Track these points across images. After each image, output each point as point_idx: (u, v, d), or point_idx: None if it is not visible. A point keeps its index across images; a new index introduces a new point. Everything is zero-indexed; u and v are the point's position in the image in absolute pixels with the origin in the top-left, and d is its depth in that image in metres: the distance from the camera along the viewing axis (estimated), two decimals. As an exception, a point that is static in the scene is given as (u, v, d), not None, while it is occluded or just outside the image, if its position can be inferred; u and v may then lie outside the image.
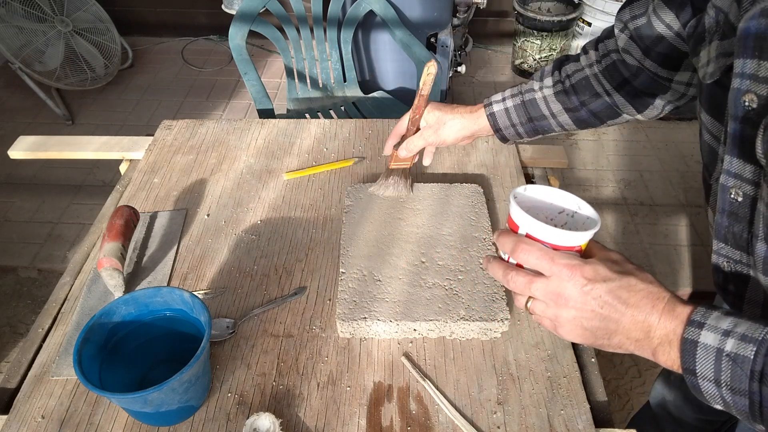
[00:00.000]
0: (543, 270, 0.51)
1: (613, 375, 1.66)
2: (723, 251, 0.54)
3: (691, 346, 0.44)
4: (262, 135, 1.12)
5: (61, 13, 2.54)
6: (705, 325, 0.44)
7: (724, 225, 0.53)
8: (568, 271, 0.49)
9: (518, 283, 0.52)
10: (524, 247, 0.51)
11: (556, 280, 0.50)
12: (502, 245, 0.54)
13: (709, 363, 0.43)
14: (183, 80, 2.92)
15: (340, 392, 0.69)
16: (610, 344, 0.50)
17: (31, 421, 0.67)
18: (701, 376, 0.44)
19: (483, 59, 3.08)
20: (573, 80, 0.79)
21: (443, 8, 1.99)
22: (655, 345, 0.47)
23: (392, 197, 0.92)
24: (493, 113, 0.85)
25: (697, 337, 0.44)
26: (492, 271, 0.55)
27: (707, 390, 0.44)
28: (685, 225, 2.10)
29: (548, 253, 0.50)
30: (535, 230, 0.52)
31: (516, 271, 0.53)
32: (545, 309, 0.52)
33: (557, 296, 0.50)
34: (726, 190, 0.51)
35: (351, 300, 0.75)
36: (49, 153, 1.12)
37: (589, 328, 0.49)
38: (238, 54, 1.59)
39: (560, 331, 0.52)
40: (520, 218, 0.53)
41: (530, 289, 0.52)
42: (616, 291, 0.48)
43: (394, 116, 1.74)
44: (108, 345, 0.66)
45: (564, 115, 0.81)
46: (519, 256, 0.52)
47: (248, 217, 0.94)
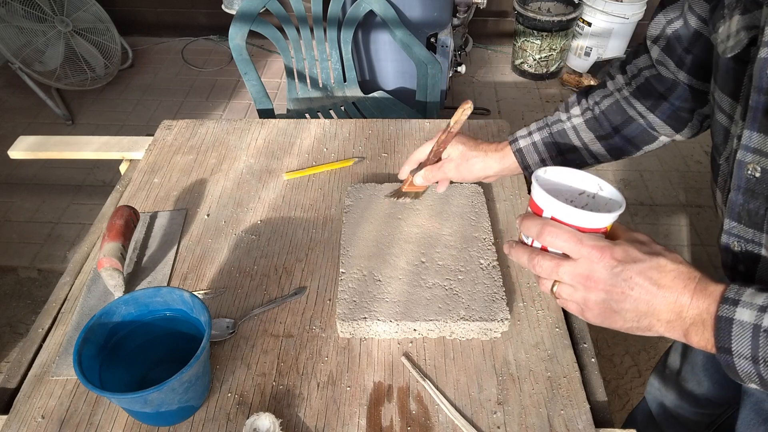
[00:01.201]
0: (571, 252, 0.50)
1: (613, 375, 1.66)
2: (735, 230, 0.53)
3: (726, 324, 0.44)
4: (262, 135, 1.12)
5: (61, 13, 2.54)
6: (740, 302, 0.44)
7: (738, 203, 0.52)
8: (597, 252, 0.48)
9: (545, 266, 0.52)
10: (551, 229, 0.50)
11: (585, 262, 0.49)
12: (527, 229, 0.53)
13: (745, 340, 0.43)
14: (183, 80, 2.92)
15: (340, 392, 0.69)
16: (639, 327, 0.49)
17: (31, 421, 0.67)
18: (737, 354, 0.44)
19: (483, 59, 3.08)
20: (602, 106, 0.76)
21: (443, 8, 1.99)
22: (687, 325, 0.47)
23: None
24: (520, 149, 0.81)
25: (732, 315, 0.44)
26: (515, 255, 0.55)
27: (743, 368, 0.44)
28: (685, 225, 2.10)
29: (576, 235, 0.49)
30: (560, 213, 0.51)
31: (542, 255, 0.52)
32: (573, 292, 0.51)
33: (586, 278, 0.49)
34: (743, 166, 0.50)
35: (351, 300, 0.75)
36: (49, 153, 1.12)
37: (618, 310, 0.49)
38: (238, 54, 1.59)
39: (588, 315, 0.52)
40: (544, 201, 0.52)
41: (558, 273, 0.51)
42: (646, 272, 0.47)
43: (394, 116, 1.75)
44: (108, 345, 0.66)
45: (596, 144, 0.77)
46: (545, 239, 0.51)
47: (248, 217, 0.94)
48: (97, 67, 2.70)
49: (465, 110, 0.75)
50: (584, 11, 2.74)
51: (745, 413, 0.71)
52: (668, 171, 2.34)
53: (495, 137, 1.10)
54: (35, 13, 2.47)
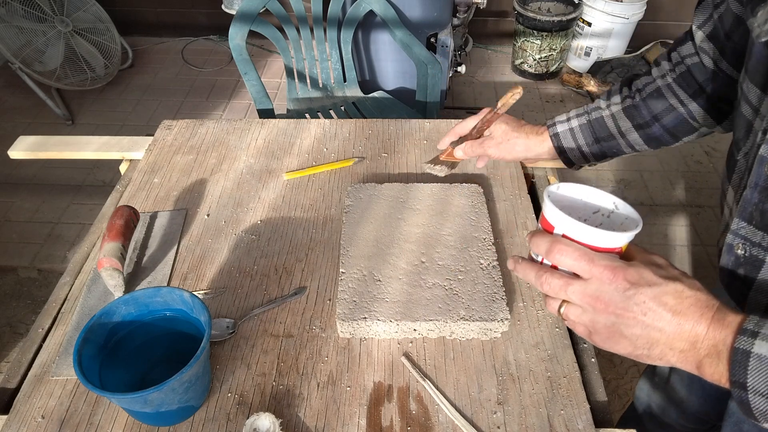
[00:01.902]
0: (581, 272, 0.47)
1: (613, 375, 1.66)
2: (742, 231, 0.51)
3: (743, 357, 0.41)
4: (262, 135, 1.12)
5: (61, 13, 2.54)
6: (759, 335, 0.41)
7: (753, 201, 0.49)
8: (609, 273, 0.46)
9: (553, 285, 0.49)
10: (561, 247, 0.48)
11: (596, 282, 0.46)
12: (537, 246, 0.50)
13: (762, 375, 0.40)
14: (183, 80, 2.92)
15: (340, 392, 0.69)
16: (650, 355, 0.47)
17: (31, 421, 0.67)
18: (752, 390, 0.41)
19: (483, 59, 3.08)
20: (644, 93, 0.74)
21: (443, 8, 1.99)
22: (701, 357, 0.44)
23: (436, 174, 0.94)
24: (557, 134, 0.81)
25: (750, 347, 0.41)
26: (522, 271, 0.52)
27: (758, 406, 0.41)
28: (685, 225, 2.10)
29: (587, 254, 0.47)
30: (572, 230, 0.49)
31: (551, 273, 0.49)
32: (581, 314, 0.48)
33: (596, 300, 0.46)
34: (764, 162, 0.47)
35: (351, 300, 0.75)
36: (49, 153, 1.12)
37: (628, 336, 0.46)
38: (238, 54, 1.59)
39: (595, 338, 0.49)
40: (555, 218, 0.50)
41: (566, 292, 0.48)
42: (661, 297, 0.44)
43: (394, 116, 1.75)
44: (108, 345, 0.66)
45: (634, 133, 0.75)
46: (555, 257, 0.48)
47: (248, 217, 0.94)
48: (97, 67, 2.70)
49: (514, 94, 0.77)
50: (584, 11, 2.74)
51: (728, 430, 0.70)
52: (668, 171, 2.34)
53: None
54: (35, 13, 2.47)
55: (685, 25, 3.01)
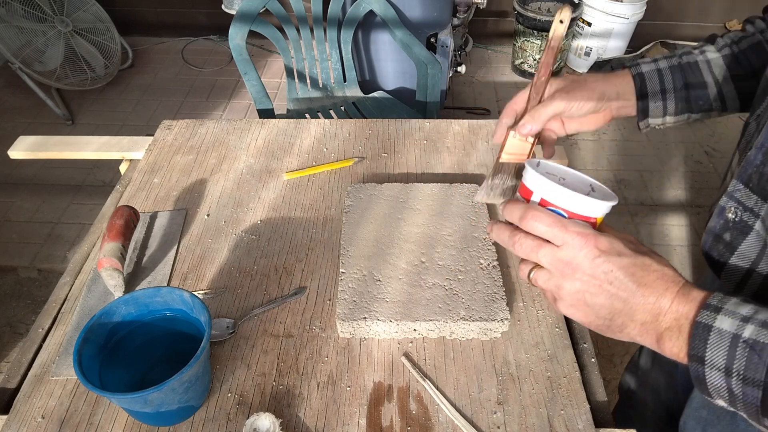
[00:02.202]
0: (554, 238, 0.47)
1: (613, 375, 1.66)
2: (737, 194, 0.50)
3: (704, 331, 0.41)
4: (262, 135, 1.12)
5: (61, 13, 2.54)
6: (722, 310, 0.41)
7: (755, 163, 0.49)
8: (581, 239, 0.46)
9: (525, 246, 0.49)
10: (535, 213, 0.48)
11: (567, 248, 0.47)
12: (510, 213, 0.50)
13: (721, 350, 0.41)
14: (183, 80, 2.92)
15: (340, 392, 0.69)
16: (610, 326, 0.47)
17: (31, 421, 0.67)
18: (709, 364, 0.41)
19: (483, 59, 3.08)
20: (742, 46, 0.67)
21: (443, 8, 1.99)
22: (662, 330, 0.44)
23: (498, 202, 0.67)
24: (642, 74, 0.68)
25: (712, 322, 0.41)
26: (497, 234, 0.52)
27: (713, 381, 0.41)
28: (685, 225, 2.10)
29: (561, 220, 0.47)
30: (551, 194, 0.48)
31: (524, 234, 0.49)
32: (548, 279, 0.49)
33: (565, 265, 0.47)
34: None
35: (351, 300, 0.75)
36: (49, 153, 1.12)
37: (591, 304, 0.46)
38: (238, 54, 1.59)
39: (560, 305, 0.49)
40: (535, 182, 0.50)
41: (537, 254, 0.48)
42: (629, 268, 0.45)
43: (394, 116, 1.75)
44: (108, 345, 0.66)
45: (730, 84, 0.67)
46: (528, 223, 0.48)
47: (248, 217, 0.94)
48: (97, 67, 2.70)
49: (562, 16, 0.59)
50: (584, 11, 2.74)
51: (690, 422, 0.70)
52: (668, 171, 2.35)
53: (495, 137, 1.10)
54: (35, 13, 2.47)
55: (685, 25, 3.02)
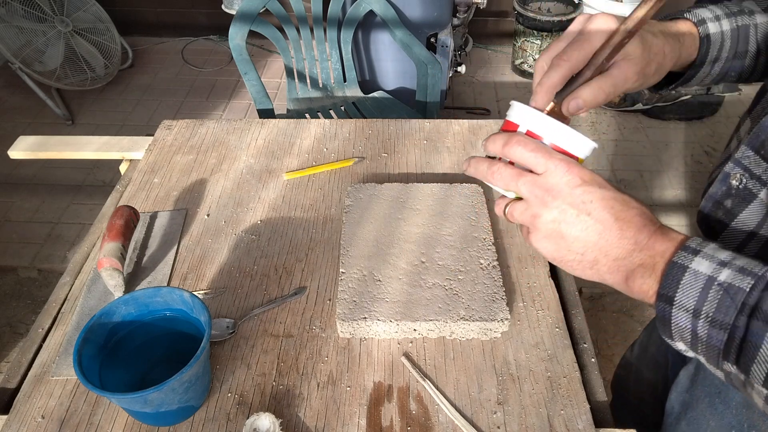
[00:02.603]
0: (537, 164, 0.45)
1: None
2: (745, 161, 0.49)
3: (679, 271, 0.41)
4: (262, 135, 1.12)
5: (61, 13, 2.54)
6: (700, 252, 0.41)
7: None
8: (565, 166, 0.44)
9: (505, 175, 0.47)
10: (519, 138, 0.46)
11: (550, 175, 0.45)
12: (493, 143, 0.48)
13: (693, 291, 0.40)
14: (183, 80, 2.92)
15: (340, 392, 0.69)
16: (582, 261, 0.45)
17: (31, 421, 0.67)
18: (678, 305, 0.41)
19: (483, 59, 3.08)
20: None
21: (443, 8, 1.99)
22: (634, 266, 0.43)
23: None
24: (709, 35, 0.58)
25: (689, 263, 0.41)
26: (474, 168, 0.49)
27: (678, 321, 0.41)
28: (685, 225, 2.10)
29: (545, 147, 0.45)
30: (539, 126, 0.46)
31: (504, 164, 0.47)
32: (525, 210, 0.47)
33: (545, 191, 0.45)
34: None
35: (351, 300, 0.75)
36: (49, 153, 1.12)
37: (566, 235, 0.45)
38: (238, 54, 1.59)
39: (532, 237, 0.47)
40: (522, 114, 0.47)
41: (517, 183, 0.46)
42: (609, 200, 0.44)
43: (394, 116, 1.75)
44: (108, 345, 0.66)
45: (764, 55, 0.60)
46: (512, 149, 0.46)
47: (248, 217, 0.94)
48: (97, 67, 2.70)
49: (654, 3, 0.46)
50: (584, 11, 2.74)
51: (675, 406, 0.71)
52: (668, 171, 2.35)
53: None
54: (35, 13, 2.47)
55: (685, 25, 3.02)
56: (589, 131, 2.55)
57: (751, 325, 0.37)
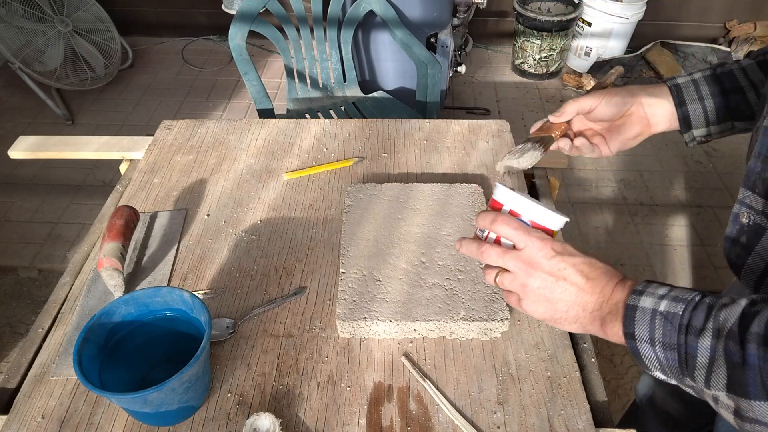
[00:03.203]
0: (518, 241, 0.55)
1: (613, 375, 1.66)
2: (747, 200, 0.55)
3: (632, 311, 0.49)
4: (262, 135, 1.12)
5: (61, 13, 2.54)
6: (645, 292, 0.49)
7: (756, 171, 0.54)
8: (540, 242, 0.54)
9: (492, 253, 0.56)
10: (504, 218, 0.55)
11: (529, 250, 0.54)
12: (483, 219, 0.57)
13: (645, 323, 0.47)
14: (183, 80, 2.92)
15: (340, 392, 0.69)
16: (567, 317, 0.54)
17: (31, 421, 0.67)
18: (639, 339, 0.48)
19: (483, 59, 3.08)
20: None
21: (443, 8, 1.99)
22: (605, 315, 0.51)
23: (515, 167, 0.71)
24: (678, 85, 0.71)
25: (637, 302, 0.49)
26: (466, 248, 0.59)
27: (645, 352, 0.48)
28: (685, 225, 2.10)
29: (525, 227, 0.55)
30: (519, 206, 0.57)
31: (491, 244, 0.57)
32: (513, 279, 0.56)
33: (528, 264, 0.54)
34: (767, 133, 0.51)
35: (351, 300, 0.75)
36: (49, 153, 1.12)
37: (551, 298, 0.54)
38: (238, 54, 1.59)
39: (524, 303, 0.56)
40: (506, 197, 0.58)
41: (504, 259, 0.55)
42: (579, 265, 0.53)
43: (394, 116, 1.75)
44: (108, 345, 0.66)
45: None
46: (498, 226, 0.56)
47: (248, 217, 0.94)
48: (97, 67, 2.70)
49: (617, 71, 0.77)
50: (584, 11, 2.74)
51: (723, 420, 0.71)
52: (668, 171, 2.34)
53: (495, 137, 1.10)
54: (35, 13, 2.47)
55: (685, 25, 3.02)
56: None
57: (688, 341, 0.45)
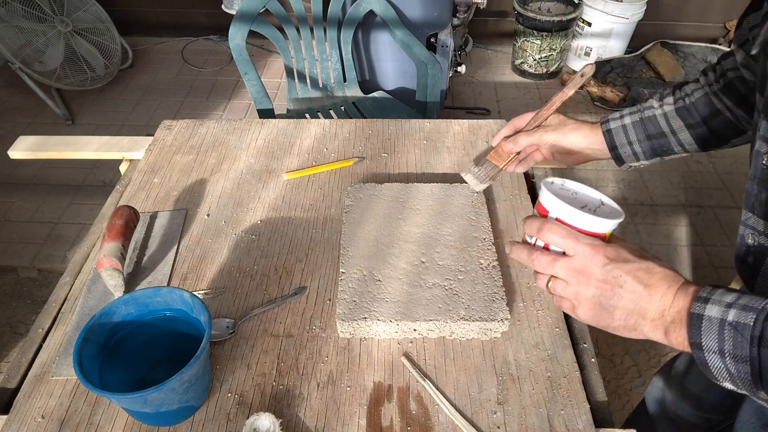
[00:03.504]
0: (567, 249, 0.53)
1: (613, 375, 1.66)
2: (749, 221, 0.55)
3: (697, 320, 0.46)
4: (262, 135, 1.12)
5: (61, 13, 2.54)
6: (710, 300, 0.47)
7: (753, 193, 0.54)
8: (591, 250, 0.52)
9: (542, 261, 0.55)
10: (551, 226, 0.54)
11: (580, 258, 0.52)
12: (530, 226, 0.56)
13: (713, 334, 0.45)
14: (183, 80, 2.92)
15: (340, 392, 0.69)
16: (626, 326, 0.52)
17: (31, 421, 0.67)
18: (707, 349, 0.46)
19: (483, 59, 3.08)
20: (693, 98, 0.78)
21: (443, 8, 1.99)
22: (668, 324, 0.49)
23: (471, 188, 0.89)
24: (610, 130, 0.82)
25: (703, 311, 0.46)
26: (516, 253, 0.58)
27: (713, 363, 0.46)
28: (685, 225, 2.10)
29: (574, 234, 0.53)
30: (565, 215, 0.55)
31: (540, 251, 0.55)
32: (565, 288, 0.54)
33: (579, 273, 0.52)
34: (759, 156, 0.52)
35: (351, 300, 0.75)
36: (49, 153, 1.12)
37: (607, 307, 0.52)
38: (238, 54, 1.59)
39: (578, 311, 0.54)
40: (550, 203, 0.56)
41: (554, 267, 0.54)
42: (635, 272, 0.51)
43: (394, 116, 1.75)
44: (108, 345, 0.66)
45: (685, 132, 0.79)
46: (546, 235, 0.54)
47: (248, 217, 0.94)
48: (97, 67, 2.70)
49: (584, 71, 0.79)
50: (584, 11, 2.74)
51: (746, 416, 0.71)
52: (668, 171, 2.34)
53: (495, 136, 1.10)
54: (35, 13, 2.47)
55: (685, 25, 3.02)
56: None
57: (762, 354, 0.43)
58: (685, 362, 0.93)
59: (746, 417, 0.71)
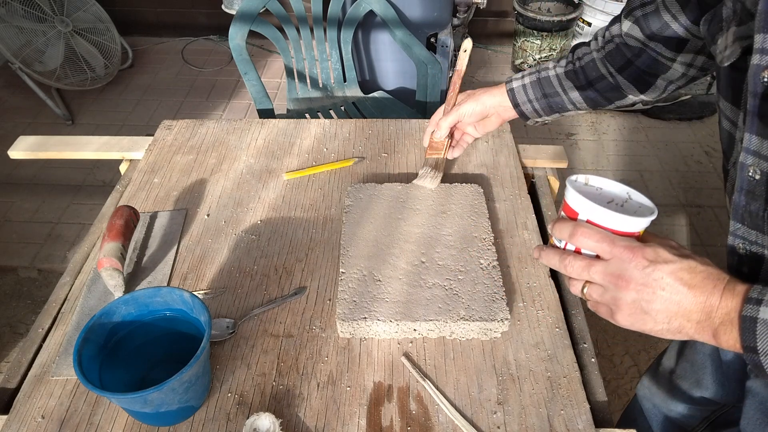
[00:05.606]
0: (603, 253, 0.51)
1: (613, 375, 1.66)
2: (739, 232, 0.55)
3: (751, 324, 0.45)
4: (262, 135, 1.12)
5: (61, 13, 2.54)
6: (763, 301, 0.45)
7: (741, 204, 0.53)
8: (629, 252, 0.50)
9: (576, 266, 0.53)
10: (584, 230, 0.52)
11: (617, 261, 0.50)
12: (560, 231, 0.54)
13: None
14: (183, 80, 2.92)
15: (340, 392, 0.69)
16: (669, 329, 0.50)
17: (31, 421, 0.67)
18: (762, 352, 0.44)
19: (483, 59, 3.08)
20: (582, 62, 0.85)
21: (443, 8, 1.99)
22: (716, 325, 0.47)
23: (428, 188, 0.94)
24: (513, 89, 0.90)
25: (756, 314, 0.44)
26: (546, 258, 0.56)
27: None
28: (685, 225, 2.10)
29: (608, 236, 0.51)
30: (596, 216, 0.52)
31: (573, 256, 0.53)
32: (603, 293, 0.52)
33: (617, 278, 0.50)
34: (744, 168, 0.51)
35: (351, 300, 0.75)
36: (49, 153, 1.12)
37: (649, 311, 0.50)
38: (238, 54, 1.59)
39: (618, 317, 0.52)
40: (579, 204, 0.53)
41: (589, 273, 0.52)
42: (677, 272, 0.48)
43: (394, 116, 1.75)
44: (108, 345, 0.66)
45: (575, 92, 0.86)
46: (578, 239, 0.52)
47: (248, 217, 0.94)
48: (97, 67, 2.70)
49: (465, 46, 0.89)
50: (584, 11, 2.74)
51: (751, 413, 0.71)
52: (668, 171, 2.34)
53: (495, 137, 1.10)
54: (35, 13, 2.47)
55: (685, 25, 3.02)
56: (589, 131, 2.55)
57: None
58: (673, 359, 0.93)
59: (751, 413, 0.71)
